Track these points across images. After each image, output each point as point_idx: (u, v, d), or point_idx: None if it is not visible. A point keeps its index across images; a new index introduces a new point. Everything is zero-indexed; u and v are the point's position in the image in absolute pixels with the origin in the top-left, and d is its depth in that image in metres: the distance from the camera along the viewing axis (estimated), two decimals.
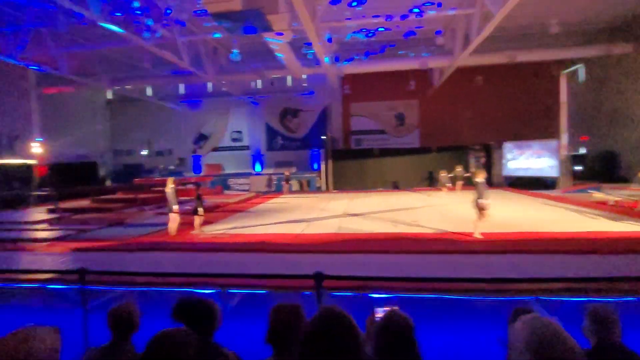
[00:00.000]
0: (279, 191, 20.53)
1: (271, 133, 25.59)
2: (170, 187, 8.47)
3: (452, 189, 17.80)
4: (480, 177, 7.79)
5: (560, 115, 21.78)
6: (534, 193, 15.80)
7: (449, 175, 18.34)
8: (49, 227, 10.38)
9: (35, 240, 8.56)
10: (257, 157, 25.64)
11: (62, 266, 6.24)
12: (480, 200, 7.58)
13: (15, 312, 4.56)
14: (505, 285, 4.06)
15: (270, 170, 24.06)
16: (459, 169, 18.28)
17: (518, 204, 11.99)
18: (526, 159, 19.42)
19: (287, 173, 20.23)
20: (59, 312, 4.29)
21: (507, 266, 5.19)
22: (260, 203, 15.26)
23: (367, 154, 22.44)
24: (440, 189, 18.06)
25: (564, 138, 20.82)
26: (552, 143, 18.60)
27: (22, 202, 15.93)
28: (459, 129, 22.06)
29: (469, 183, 16.32)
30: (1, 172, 16.53)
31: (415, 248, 6.32)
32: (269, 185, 21.76)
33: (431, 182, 21.08)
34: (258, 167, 25.41)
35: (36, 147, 18.49)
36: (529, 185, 18.68)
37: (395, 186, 21.52)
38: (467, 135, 21.83)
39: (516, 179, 19.84)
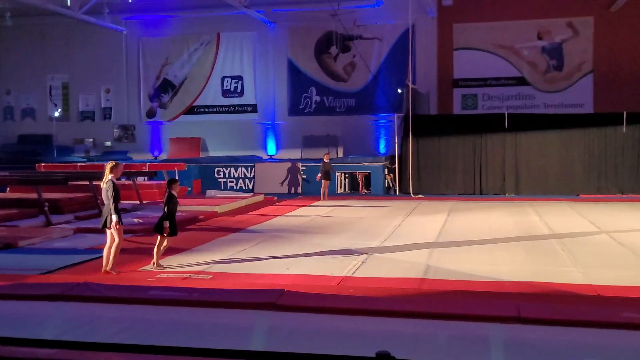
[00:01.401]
0: (309, 194, 21.15)
1: (299, 82, 26.18)
2: (108, 180, 9.15)
3: None
4: None
5: None
6: None
7: None
8: None
9: None
10: (270, 129, 26.21)
11: None
12: None
13: None
14: None
15: (296, 153, 25.25)
16: None
17: None
18: None
19: (327, 159, 20.00)
20: None
21: None
22: (275, 216, 16.02)
23: (488, 125, 21.82)
24: None
25: None
26: None
27: None
28: None
29: None
30: None
31: (591, 316, 5.97)
32: (291, 181, 22.19)
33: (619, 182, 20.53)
34: (272, 147, 26.16)
35: None
36: None
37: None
38: None
39: None
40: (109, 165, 9.21)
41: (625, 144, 19.98)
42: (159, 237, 9.17)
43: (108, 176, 9.08)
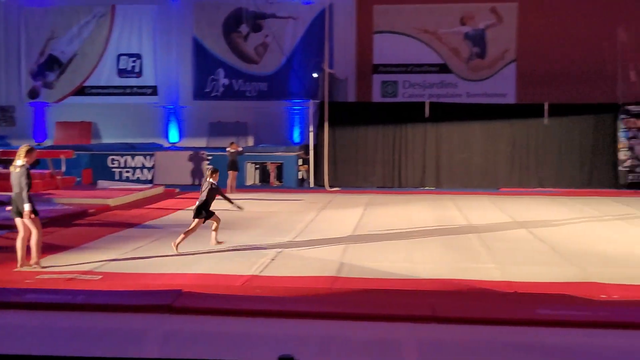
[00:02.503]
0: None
1: (205, 63, 26.18)
2: (22, 166, 9.05)
3: None
4: None
5: None
6: None
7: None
8: None
9: None
10: (172, 113, 25.97)
11: None
12: None
13: None
14: None
15: (201, 141, 25.00)
16: None
17: None
18: None
19: (234, 148, 19.93)
20: None
21: None
22: (176, 210, 15.86)
23: (408, 114, 22.14)
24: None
25: None
26: None
27: None
28: (602, 70, 22.19)
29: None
30: None
31: (506, 314, 6.31)
32: (194, 171, 21.88)
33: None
34: (174, 134, 25.93)
35: None
36: None
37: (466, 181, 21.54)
38: (620, 84, 21.93)
39: None
40: (23, 149, 9.09)
41: (546, 137, 20.88)
42: (195, 220, 10.19)
43: (21, 161, 8.97)
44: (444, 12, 24.56)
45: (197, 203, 10.49)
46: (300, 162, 22.07)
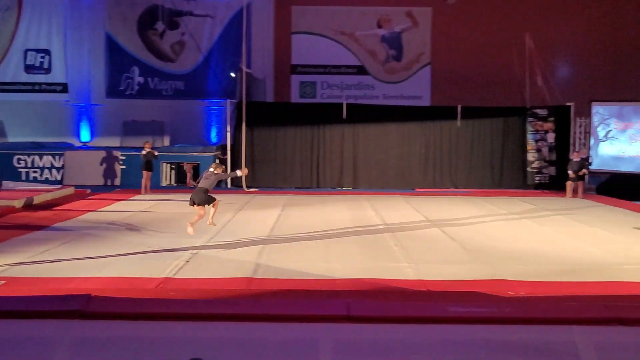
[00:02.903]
0: (129, 187, 20.96)
1: (119, 60, 25.86)
2: None
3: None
4: None
5: None
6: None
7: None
8: None
9: None
10: (84, 112, 25.63)
11: None
12: None
13: None
14: None
15: (115, 141, 24.83)
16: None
17: (615, 230, 13.04)
18: (631, 140, 20.22)
19: (148, 147, 19.70)
20: None
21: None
22: (87, 211, 15.55)
23: (326, 115, 22.29)
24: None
25: None
26: None
27: None
28: (512, 74, 22.62)
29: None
30: None
31: (419, 312, 6.44)
32: (107, 172, 21.72)
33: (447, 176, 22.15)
34: (86, 133, 25.58)
35: None
36: (635, 190, 19.40)
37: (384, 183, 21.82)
38: (527, 88, 22.50)
39: (611, 177, 20.88)
40: None
41: (459, 138, 21.51)
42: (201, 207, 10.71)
43: None
44: (361, 14, 24.75)
45: (200, 191, 10.85)
46: (217, 162, 21.74)
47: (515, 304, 6.78)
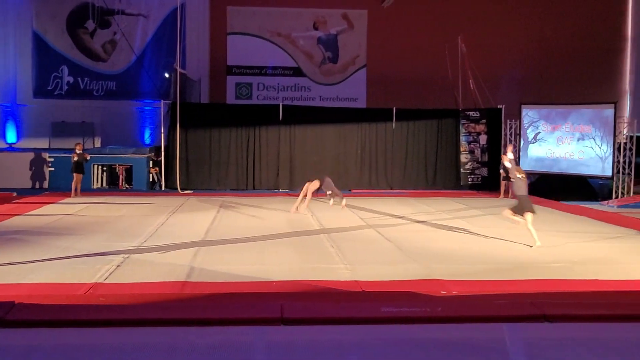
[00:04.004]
0: (58, 189, 20.33)
1: (47, 59, 25.39)
2: None
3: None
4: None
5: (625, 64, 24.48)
6: (569, 207, 17.52)
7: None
8: None
9: None
10: (9, 112, 25.18)
11: None
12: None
13: None
14: None
15: (43, 142, 24.32)
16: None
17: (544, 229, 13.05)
18: (559, 142, 20.75)
19: (79, 149, 19.40)
20: None
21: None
22: (13, 215, 15.29)
23: (263, 116, 22.43)
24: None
25: (628, 104, 23.38)
26: (605, 112, 19.84)
27: None
28: (445, 77, 22.98)
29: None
30: None
31: (353, 313, 6.56)
32: (35, 174, 21.29)
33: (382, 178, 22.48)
34: (12, 134, 25.13)
35: None
36: (563, 190, 20.14)
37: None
38: (460, 90, 23.03)
39: (540, 178, 21.39)
40: None
41: (394, 140, 21.85)
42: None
43: None
44: (297, 16, 25.02)
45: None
46: (150, 164, 21.79)
47: (447, 303, 6.92)
